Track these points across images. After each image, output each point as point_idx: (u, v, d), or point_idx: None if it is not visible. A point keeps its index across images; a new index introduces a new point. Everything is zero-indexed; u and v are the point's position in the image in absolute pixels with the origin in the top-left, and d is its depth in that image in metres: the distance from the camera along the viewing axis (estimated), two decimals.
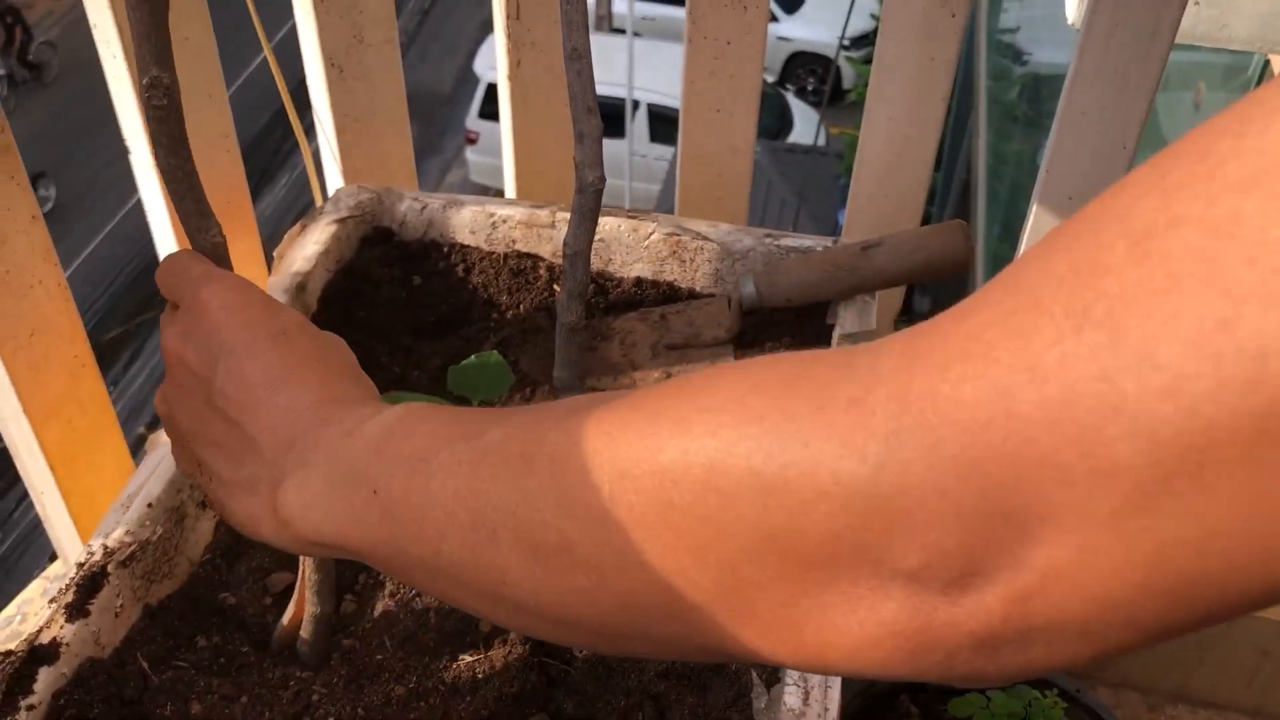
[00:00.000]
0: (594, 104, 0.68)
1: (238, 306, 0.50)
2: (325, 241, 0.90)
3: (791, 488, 0.30)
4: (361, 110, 1.01)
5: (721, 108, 1.10)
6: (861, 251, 0.84)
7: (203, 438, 0.49)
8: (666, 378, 0.85)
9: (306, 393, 0.47)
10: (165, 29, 0.48)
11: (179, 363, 0.50)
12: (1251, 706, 1.27)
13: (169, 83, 0.49)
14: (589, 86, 0.68)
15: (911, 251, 0.83)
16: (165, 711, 0.66)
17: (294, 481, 0.44)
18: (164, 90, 0.49)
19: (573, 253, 0.71)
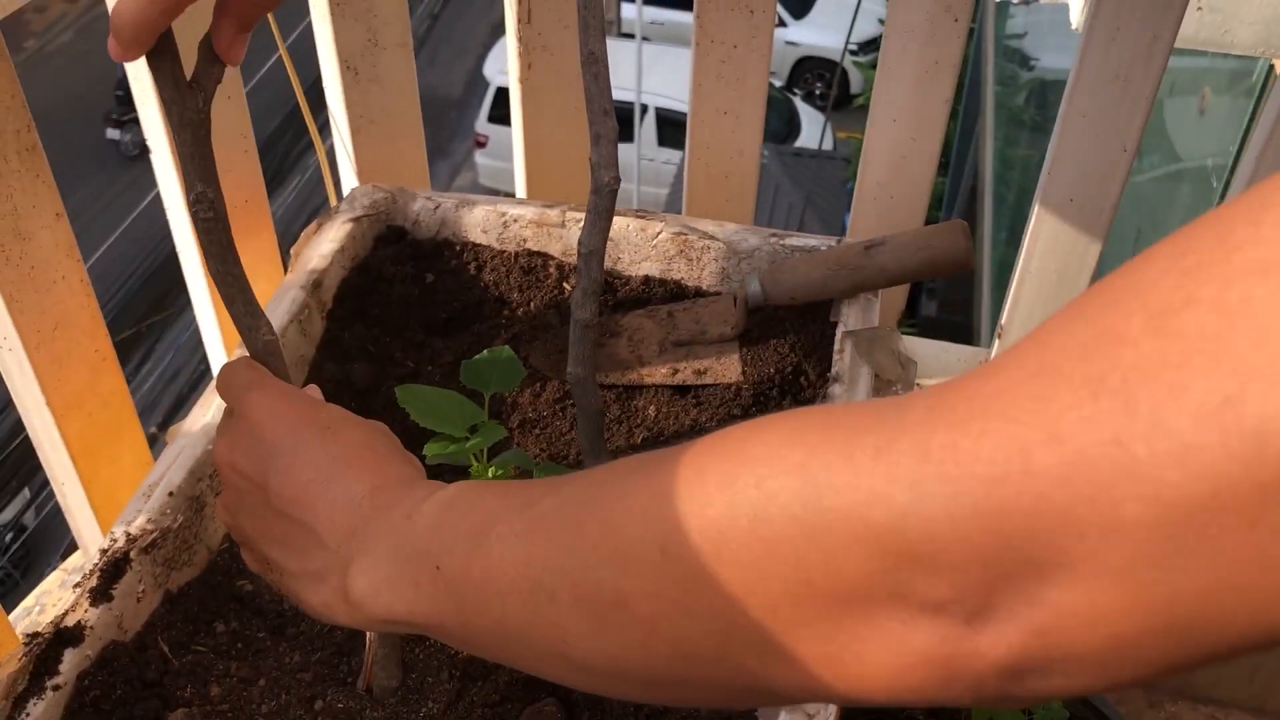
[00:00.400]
0: (610, 107, 0.70)
1: (281, 410, 0.53)
2: (341, 240, 0.92)
3: (828, 533, 0.32)
4: (376, 112, 1.04)
5: (728, 110, 1.12)
6: (864, 251, 0.85)
7: (267, 537, 0.51)
8: (673, 374, 0.87)
9: (359, 482, 0.49)
10: (209, 150, 0.53)
11: (232, 470, 0.53)
12: (1253, 704, 1.28)
13: (214, 197, 0.53)
14: (605, 89, 0.69)
15: (914, 251, 0.85)
16: (185, 693, 0.68)
17: (361, 567, 0.47)
18: (209, 204, 0.53)
19: (588, 251, 0.72)
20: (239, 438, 0.53)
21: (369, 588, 0.46)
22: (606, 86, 0.68)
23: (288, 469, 0.50)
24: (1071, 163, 1.08)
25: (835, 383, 0.80)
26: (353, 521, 0.48)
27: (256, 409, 0.53)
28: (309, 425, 0.52)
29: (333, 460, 0.50)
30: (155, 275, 7.46)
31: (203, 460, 0.76)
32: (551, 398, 0.87)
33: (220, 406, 0.79)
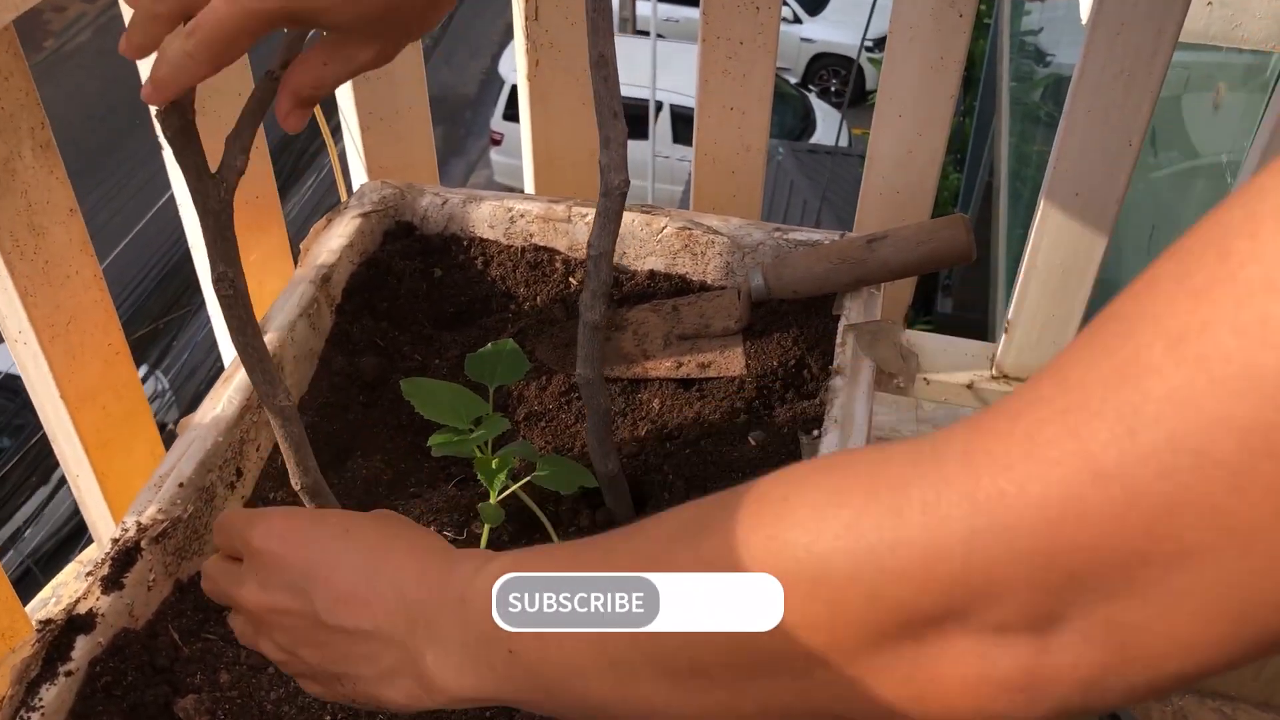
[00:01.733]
0: (619, 109, 0.70)
1: (293, 531, 0.53)
2: (349, 235, 0.93)
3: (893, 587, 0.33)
4: (386, 109, 1.05)
5: (735, 105, 1.13)
6: (867, 245, 0.86)
7: (332, 658, 0.51)
8: (678, 367, 0.87)
9: (401, 570, 0.49)
10: (231, 234, 0.58)
11: (272, 611, 0.52)
12: (1260, 699, 1.28)
13: (234, 277, 0.59)
14: (615, 92, 0.70)
15: (916, 244, 0.85)
16: (195, 680, 0.69)
17: (434, 657, 0.47)
18: (230, 283, 0.59)
19: (597, 253, 0.73)
20: (266, 576, 0.52)
21: (450, 675, 0.47)
22: (616, 89, 0.69)
23: (328, 581, 0.50)
24: (1077, 158, 1.08)
25: (837, 375, 0.81)
26: (410, 612, 0.48)
27: (270, 540, 0.52)
28: (326, 535, 0.52)
29: (366, 557, 0.50)
30: (170, 275, 7.52)
31: (212, 452, 0.77)
32: (557, 391, 0.88)
33: (229, 397, 0.80)
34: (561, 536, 0.78)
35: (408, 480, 0.84)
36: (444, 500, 0.79)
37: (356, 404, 0.89)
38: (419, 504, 0.80)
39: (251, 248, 1.00)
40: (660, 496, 0.81)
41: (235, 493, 0.80)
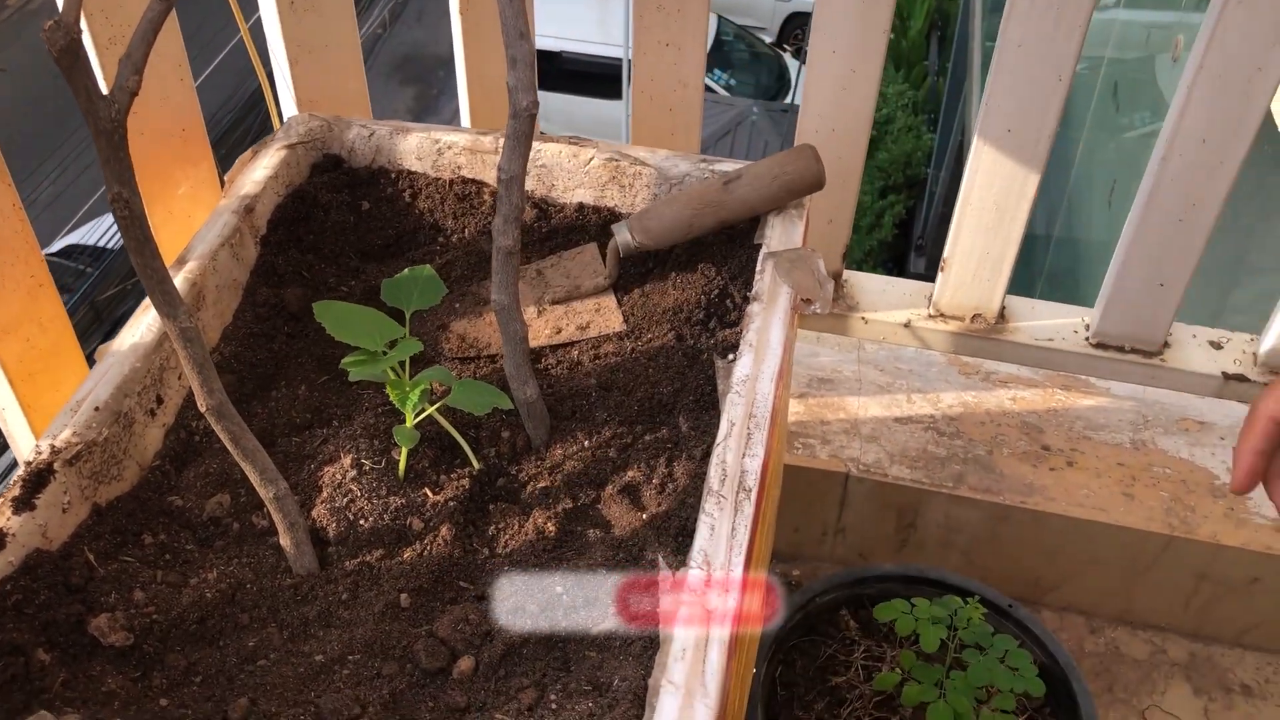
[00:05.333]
0: (526, 30, 0.70)
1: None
2: (275, 167, 0.93)
3: None
4: (314, 42, 1.04)
5: (670, 42, 1.12)
6: (724, 186, 0.86)
7: None
8: (556, 333, 0.88)
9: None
10: (125, 155, 0.59)
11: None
12: (1190, 629, 1.31)
13: (129, 198, 0.59)
14: (520, 12, 0.70)
15: (770, 180, 0.86)
16: (110, 599, 0.70)
17: None
18: (125, 204, 0.60)
19: (508, 177, 0.73)
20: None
21: None
22: (521, 10, 0.69)
23: None
24: (1008, 94, 1.08)
25: (755, 301, 0.82)
26: None
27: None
28: None
29: None
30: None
31: (129, 377, 0.77)
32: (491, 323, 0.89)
33: (148, 325, 0.80)
34: (480, 458, 0.79)
35: (331, 409, 0.85)
36: (363, 428, 0.80)
37: (282, 334, 0.89)
38: (340, 431, 0.81)
39: (180, 181, 0.99)
40: (586, 415, 0.82)
41: (156, 420, 0.80)
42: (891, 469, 1.27)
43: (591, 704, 0.64)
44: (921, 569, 1.12)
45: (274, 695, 0.67)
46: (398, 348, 0.72)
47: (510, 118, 0.69)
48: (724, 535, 0.67)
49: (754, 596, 0.80)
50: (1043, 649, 1.06)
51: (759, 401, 0.75)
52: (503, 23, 0.67)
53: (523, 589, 0.71)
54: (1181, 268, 1.16)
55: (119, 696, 0.66)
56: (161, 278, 0.63)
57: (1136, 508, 1.24)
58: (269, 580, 0.73)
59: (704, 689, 0.60)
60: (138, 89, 0.60)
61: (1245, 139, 1.05)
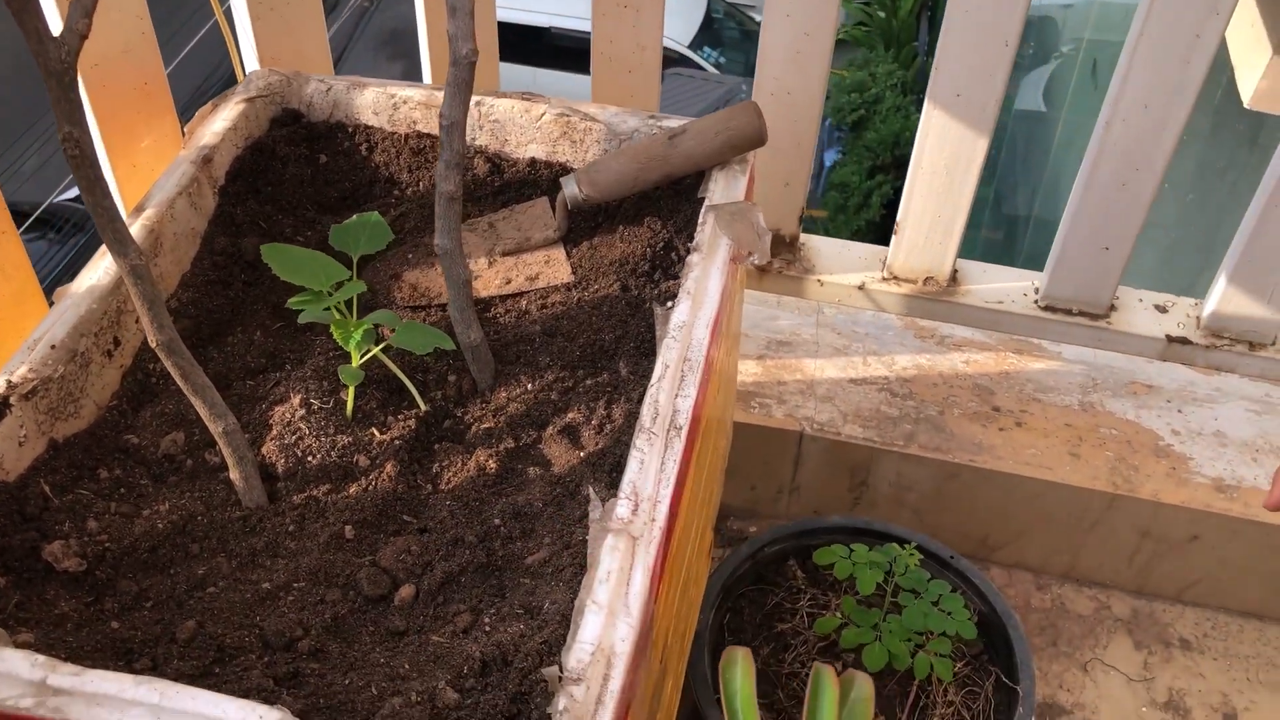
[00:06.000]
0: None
1: None
2: (234, 119, 0.95)
3: None
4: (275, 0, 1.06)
5: (629, 3, 1.15)
6: (669, 141, 0.89)
7: None
8: (506, 284, 0.90)
9: None
10: (76, 96, 0.61)
11: None
12: (1132, 586, 1.34)
13: (79, 137, 0.61)
14: None
15: (714, 135, 0.88)
16: (64, 528, 0.73)
17: None
18: (75, 143, 0.61)
19: (449, 123, 0.76)
20: None
21: None
22: None
23: None
24: (957, 59, 1.11)
25: (695, 252, 0.84)
26: None
27: None
28: None
29: None
30: None
31: (86, 318, 0.80)
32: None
33: (105, 268, 0.83)
34: (426, 400, 0.82)
35: (285, 354, 0.87)
36: (314, 370, 0.82)
37: (239, 282, 0.92)
38: (291, 374, 0.83)
39: (143, 134, 1.02)
40: (530, 360, 0.84)
41: (114, 361, 0.83)
42: (845, 428, 1.31)
43: (523, 626, 0.67)
44: (868, 521, 1.15)
45: (221, 619, 0.70)
46: (343, 288, 0.75)
47: (450, 65, 0.72)
48: (653, 469, 0.70)
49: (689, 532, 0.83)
50: (982, 598, 1.10)
51: (694, 346, 0.78)
52: None
53: (463, 521, 0.74)
54: (1125, 231, 1.19)
55: (71, 619, 0.69)
56: (112, 216, 0.66)
57: (1082, 467, 1.27)
58: (219, 513, 0.76)
59: (626, 609, 0.63)
60: (87, 31, 0.63)
61: (1185, 105, 1.08)
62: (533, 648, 0.64)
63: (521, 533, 0.74)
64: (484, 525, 0.74)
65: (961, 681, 1.05)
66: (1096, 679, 1.28)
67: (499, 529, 0.74)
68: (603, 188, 0.90)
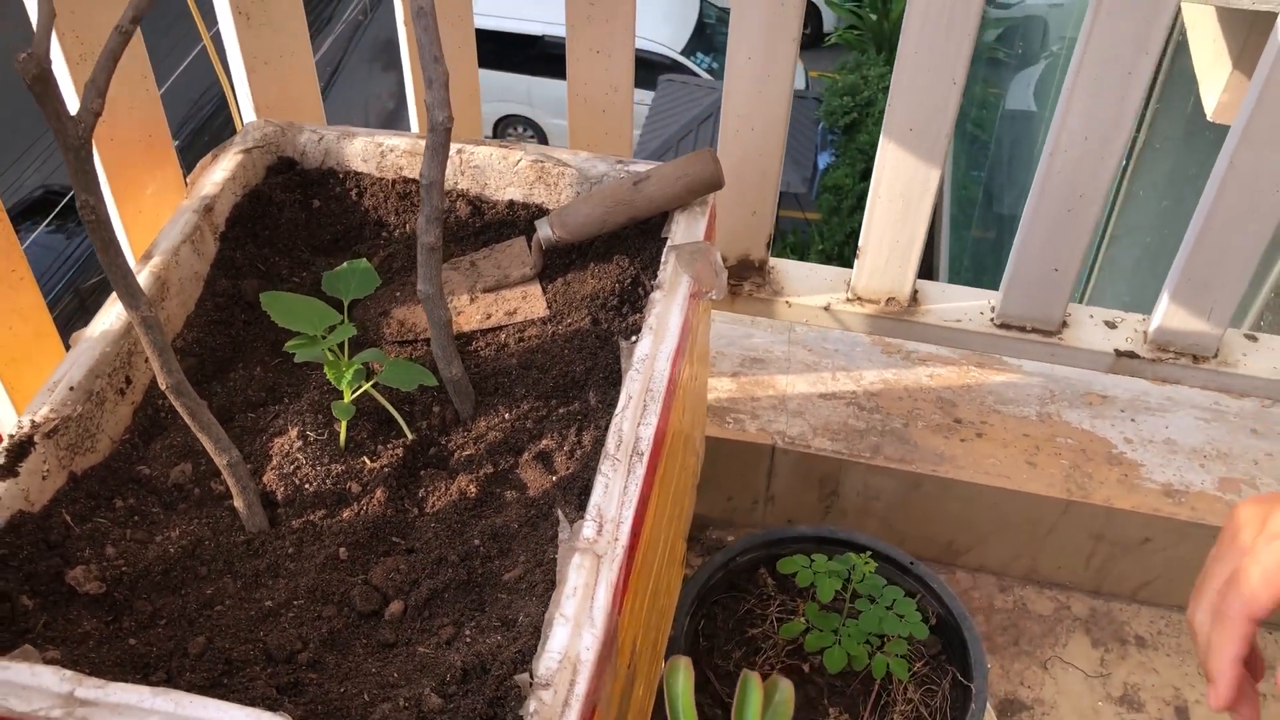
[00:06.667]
0: (439, 54, 0.80)
1: None
2: (233, 169, 1.03)
3: None
4: (269, 53, 1.13)
5: (600, 49, 1.22)
6: (634, 186, 0.96)
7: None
8: (487, 319, 0.98)
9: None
10: (91, 168, 0.68)
11: None
12: (1091, 586, 1.42)
13: (95, 204, 0.69)
14: (435, 39, 0.79)
15: (675, 180, 0.96)
16: (84, 554, 0.80)
17: None
18: (92, 210, 0.69)
19: (428, 182, 0.83)
20: None
21: None
22: (436, 36, 0.78)
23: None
24: (908, 96, 1.19)
25: (658, 289, 0.92)
26: None
27: None
28: None
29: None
30: None
31: (100, 360, 0.87)
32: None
33: (117, 313, 0.90)
34: (413, 430, 0.89)
35: (284, 389, 0.95)
36: (309, 404, 0.90)
37: (239, 321, 0.99)
38: (289, 407, 0.91)
39: (146, 183, 1.09)
40: (508, 391, 0.92)
41: (125, 398, 0.90)
42: (814, 441, 1.38)
43: (500, 637, 0.75)
44: (834, 530, 1.23)
45: (228, 634, 0.77)
46: (335, 332, 0.82)
47: (429, 131, 0.79)
48: (616, 492, 0.77)
49: (656, 547, 0.91)
50: (940, 601, 1.17)
51: (655, 377, 0.85)
52: (420, 49, 0.77)
53: (446, 542, 0.82)
54: (1073, 253, 1.26)
55: (93, 637, 0.77)
56: (125, 273, 0.73)
57: (1038, 475, 1.35)
58: (225, 537, 0.83)
59: (591, 621, 0.70)
60: (101, 110, 0.70)
61: (1123, 135, 1.16)
62: (508, 657, 0.72)
63: (499, 552, 0.81)
64: (465, 545, 0.82)
65: (921, 680, 1.12)
66: (1056, 675, 1.35)
67: (479, 549, 0.81)
68: (573, 229, 0.98)
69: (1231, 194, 1.17)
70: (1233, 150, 1.14)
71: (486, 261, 1.02)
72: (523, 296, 0.99)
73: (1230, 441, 1.38)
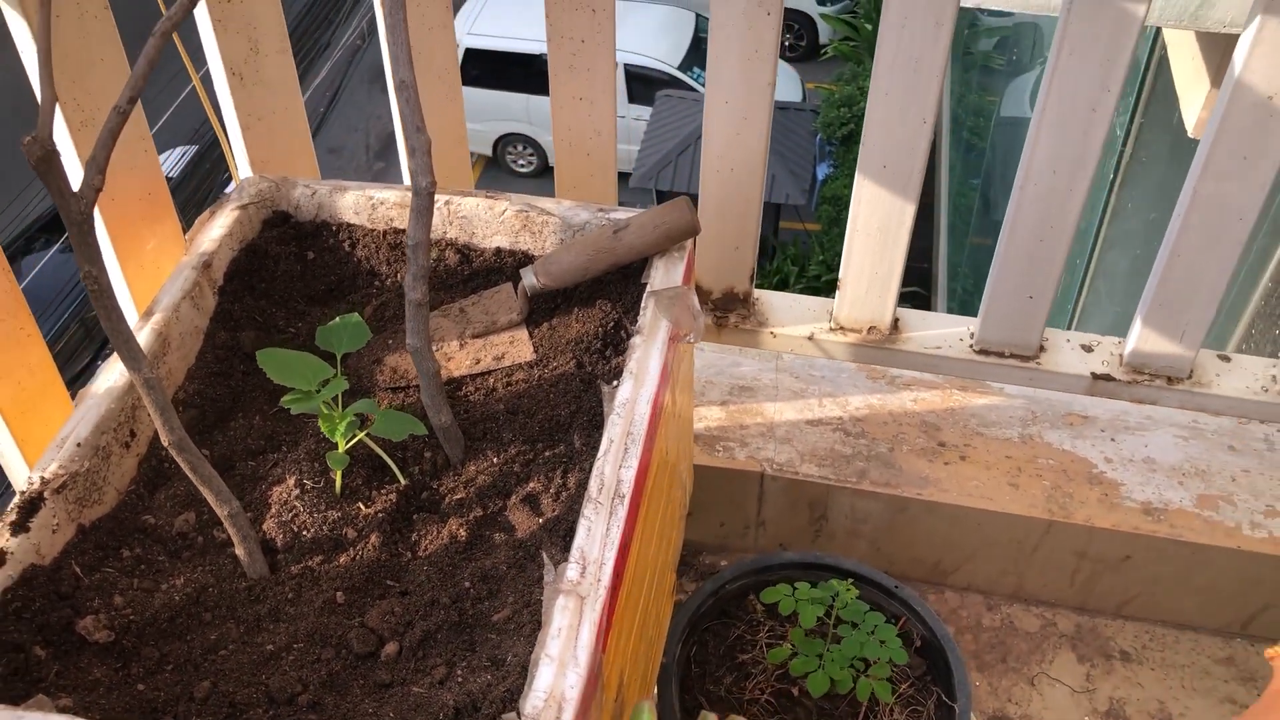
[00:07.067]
0: (422, 124, 0.84)
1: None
2: (229, 225, 1.07)
3: None
4: (263, 110, 1.18)
5: (584, 96, 1.26)
6: (614, 235, 1.00)
7: None
8: (476, 363, 1.02)
9: None
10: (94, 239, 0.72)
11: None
12: (1076, 603, 1.45)
13: (98, 274, 0.73)
14: (416, 110, 0.83)
15: (653, 229, 1.00)
16: (94, 604, 0.84)
17: None
18: (94, 279, 0.74)
19: (414, 243, 0.87)
20: None
21: None
22: (417, 108, 0.83)
23: None
24: (881, 134, 1.23)
25: (637, 334, 0.96)
26: None
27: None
28: None
29: None
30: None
31: (106, 416, 0.91)
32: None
33: (120, 371, 0.94)
34: (405, 475, 0.93)
35: (282, 437, 0.99)
36: (306, 453, 0.94)
37: (238, 372, 1.03)
38: (287, 456, 0.95)
39: (147, 238, 1.13)
40: (496, 436, 0.96)
41: (130, 451, 0.95)
42: (802, 467, 1.42)
43: (490, 676, 0.78)
44: (820, 556, 1.26)
45: (232, 678, 0.81)
46: (329, 386, 0.86)
47: (413, 195, 0.83)
48: (599, 535, 0.81)
49: (641, 582, 0.94)
50: (924, 624, 1.21)
51: (636, 421, 0.89)
52: (401, 119, 0.81)
53: (438, 584, 0.86)
54: (1046, 281, 1.30)
55: (103, 684, 0.80)
56: (127, 337, 0.77)
57: (1020, 496, 1.38)
58: (228, 584, 0.87)
59: (575, 660, 0.74)
60: (101, 186, 0.74)
61: (1088, 169, 1.19)
62: (497, 695, 0.76)
63: (489, 593, 0.85)
64: (456, 587, 0.85)
65: (906, 701, 1.15)
66: (1043, 691, 1.38)
67: (469, 590, 0.85)
68: (557, 277, 1.02)
69: (1196, 223, 1.21)
70: (1195, 180, 1.18)
71: (475, 308, 1.06)
72: (510, 341, 1.03)
73: (1208, 459, 1.41)
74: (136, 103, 0.77)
